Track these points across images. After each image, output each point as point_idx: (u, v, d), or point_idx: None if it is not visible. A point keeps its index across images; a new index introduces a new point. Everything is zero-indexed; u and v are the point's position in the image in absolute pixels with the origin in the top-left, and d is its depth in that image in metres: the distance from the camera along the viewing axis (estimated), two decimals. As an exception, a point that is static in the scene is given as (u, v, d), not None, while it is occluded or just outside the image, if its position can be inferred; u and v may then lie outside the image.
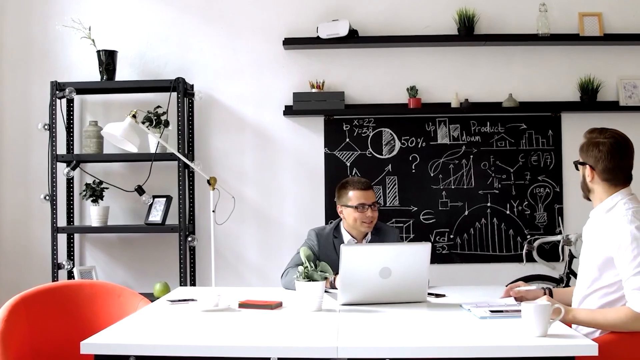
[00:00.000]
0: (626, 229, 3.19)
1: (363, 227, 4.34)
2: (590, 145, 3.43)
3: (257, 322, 3.25)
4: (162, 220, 5.43)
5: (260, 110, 5.72)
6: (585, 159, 3.44)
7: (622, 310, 3.12)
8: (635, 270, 3.11)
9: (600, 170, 3.39)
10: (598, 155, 3.39)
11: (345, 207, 4.39)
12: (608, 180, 3.39)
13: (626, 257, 3.15)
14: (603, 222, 3.35)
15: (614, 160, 3.38)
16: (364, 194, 4.36)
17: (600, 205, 3.41)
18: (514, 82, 5.67)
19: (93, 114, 5.70)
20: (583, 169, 3.46)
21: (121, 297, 4.16)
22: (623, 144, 3.42)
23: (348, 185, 4.42)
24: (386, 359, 2.76)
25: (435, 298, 3.90)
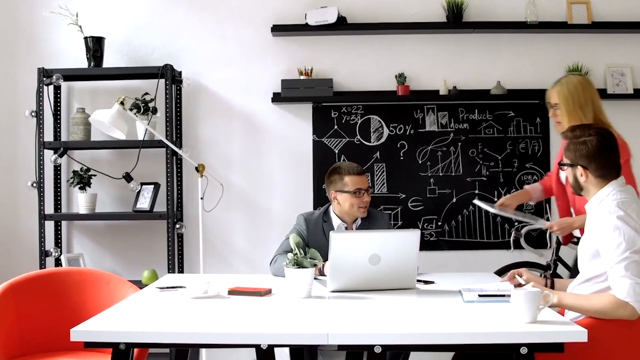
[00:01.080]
0: (609, 219, 3.21)
1: (360, 212, 4.35)
2: (578, 144, 3.41)
3: (247, 309, 3.25)
4: (150, 207, 5.42)
5: (249, 97, 5.71)
6: (576, 159, 3.42)
7: (606, 297, 3.13)
8: (618, 258, 3.12)
9: (594, 169, 3.39)
10: (589, 154, 3.38)
11: (340, 193, 4.38)
12: (602, 177, 3.39)
13: (609, 246, 3.17)
14: (594, 215, 3.37)
15: (605, 157, 3.39)
16: (360, 179, 4.37)
17: (593, 198, 3.42)
18: (502, 70, 5.67)
19: (80, 101, 5.68)
20: (574, 169, 3.45)
21: (110, 284, 4.16)
22: (609, 138, 3.43)
23: (342, 170, 4.41)
24: (376, 345, 2.77)
25: (424, 285, 3.91)
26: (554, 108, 4.28)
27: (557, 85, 4.25)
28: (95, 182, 5.49)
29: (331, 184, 4.45)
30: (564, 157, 3.50)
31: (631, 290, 3.05)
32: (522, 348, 2.76)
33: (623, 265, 3.09)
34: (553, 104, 4.28)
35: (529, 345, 2.76)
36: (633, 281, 3.06)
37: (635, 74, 5.65)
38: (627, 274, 3.08)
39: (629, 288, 3.05)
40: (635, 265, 3.09)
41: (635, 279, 3.07)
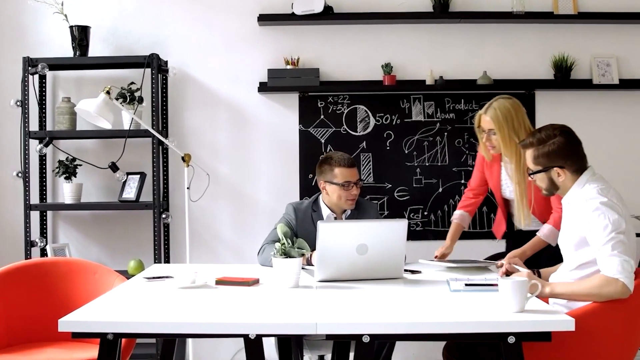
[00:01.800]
0: (593, 206, 3.28)
1: (347, 204, 4.35)
2: (547, 148, 3.47)
3: (235, 299, 3.25)
4: (136, 197, 5.40)
5: (235, 87, 5.69)
6: (550, 162, 3.48)
7: (595, 277, 3.20)
8: (605, 239, 3.19)
9: (570, 165, 3.47)
10: (562, 153, 3.45)
11: (329, 184, 4.38)
12: (578, 170, 3.48)
13: (596, 230, 3.24)
14: (575, 205, 3.43)
15: (577, 150, 3.50)
16: (349, 172, 4.36)
17: (570, 191, 3.49)
18: (489, 60, 5.68)
19: (66, 90, 5.64)
20: (548, 173, 3.50)
21: (97, 274, 4.15)
22: (571, 131, 3.53)
23: (333, 161, 4.40)
24: (364, 334, 2.77)
25: (412, 275, 3.92)
26: (487, 134, 4.25)
27: (489, 111, 4.19)
28: (80, 172, 5.46)
29: (321, 174, 4.45)
30: (533, 166, 3.54)
31: (620, 267, 3.13)
32: (509, 337, 2.78)
33: (610, 245, 3.17)
34: (487, 130, 4.24)
35: (516, 335, 2.78)
36: (621, 258, 3.14)
37: (620, 64, 5.67)
38: (615, 252, 3.16)
39: (618, 265, 3.13)
40: (622, 245, 3.18)
41: (623, 256, 3.15)
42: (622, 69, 5.67)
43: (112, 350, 2.87)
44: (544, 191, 3.59)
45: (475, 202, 4.69)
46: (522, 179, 4.15)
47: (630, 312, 3.26)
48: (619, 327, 3.24)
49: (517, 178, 4.17)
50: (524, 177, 4.15)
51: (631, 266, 3.17)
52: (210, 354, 5.63)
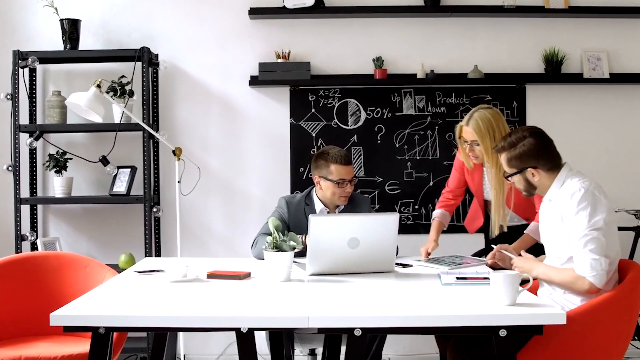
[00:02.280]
0: (574, 201, 3.34)
1: (340, 201, 4.37)
2: (519, 150, 3.53)
3: (227, 293, 3.26)
4: (126, 191, 5.39)
5: (226, 81, 5.68)
6: (523, 164, 3.54)
7: (567, 270, 3.31)
8: (580, 234, 3.27)
9: (543, 164, 3.53)
10: (534, 153, 3.52)
11: (324, 180, 4.38)
12: (552, 168, 3.54)
13: (575, 225, 3.31)
14: (557, 201, 3.48)
15: (549, 149, 3.56)
16: (345, 170, 4.36)
17: (551, 189, 3.55)
18: (480, 54, 5.68)
19: (56, 84, 5.63)
20: (523, 174, 3.56)
21: (88, 268, 4.15)
22: (541, 131, 3.61)
23: (329, 157, 4.39)
24: (356, 328, 2.78)
25: (403, 268, 3.93)
26: (470, 144, 4.26)
27: (471, 122, 4.19)
28: (71, 166, 5.45)
29: (316, 168, 4.45)
30: (508, 169, 3.61)
31: (588, 266, 3.21)
32: (501, 330, 2.79)
33: (584, 242, 3.25)
34: (470, 141, 4.25)
35: (508, 328, 2.79)
36: (591, 257, 3.22)
37: (611, 58, 5.68)
38: (586, 250, 3.24)
39: (587, 264, 3.22)
40: (595, 242, 3.24)
41: (593, 255, 3.22)
42: (613, 63, 5.68)
43: (103, 344, 2.87)
44: (524, 192, 3.65)
45: (454, 203, 4.73)
46: (500, 189, 4.18)
47: (622, 309, 3.29)
48: (610, 324, 3.26)
49: (496, 186, 4.19)
50: (502, 187, 4.18)
51: (600, 264, 3.22)
52: (201, 348, 5.63)
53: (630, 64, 5.71)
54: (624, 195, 5.65)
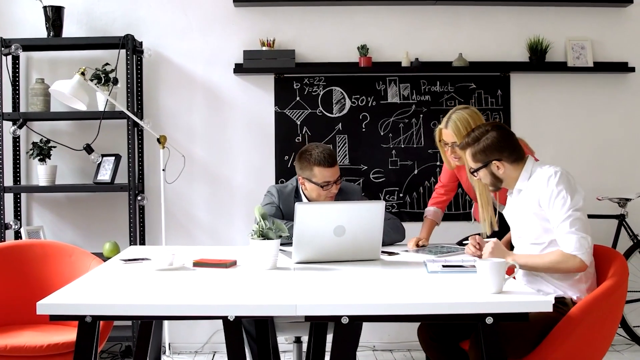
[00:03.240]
0: (554, 183, 3.42)
1: (326, 200, 4.32)
2: (482, 144, 3.59)
3: (213, 281, 3.25)
4: (111, 179, 5.37)
5: (210, 68, 5.66)
6: (487, 157, 3.60)
7: (555, 252, 3.36)
8: (562, 217, 3.35)
9: (507, 156, 3.59)
10: (497, 145, 3.57)
11: (308, 181, 4.34)
12: (516, 160, 3.60)
13: (556, 207, 3.39)
14: (529, 189, 3.55)
15: (511, 141, 3.62)
16: (329, 172, 4.29)
17: (519, 180, 3.61)
18: (464, 42, 5.69)
19: (39, 72, 5.59)
20: (488, 168, 3.62)
21: (73, 256, 4.14)
22: (502, 125, 3.69)
23: (312, 159, 4.29)
24: (343, 316, 2.78)
25: (389, 256, 3.94)
26: (451, 146, 4.26)
27: (449, 124, 4.18)
28: (55, 154, 5.42)
29: (300, 169, 4.38)
30: (473, 164, 3.66)
31: (577, 244, 3.30)
32: (487, 318, 2.80)
33: (568, 222, 3.33)
34: (450, 143, 4.26)
35: (494, 315, 2.80)
36: (579, 235, 3.31)
37: (595, 47, 5.70)
38: (573, 229, 3.32)
39: (576, 242, 3.30)
40: (579, 222, 3.33)
41: (580, 233, 3.32)
42: (597, 52, 5.71)
43: (90, 333, 2.86)
44: (490, 187, 3.72)
45: (447, 199, 4.74)
46: (484, 187, 4.19)
47: (614, 299, 3.33)
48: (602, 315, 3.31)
49: (479, 186, 4.20)
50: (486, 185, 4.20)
51: (587, 242, 3.32)
52: (186, 336, 5.63)
53: (614, 52, 5.74)
54: (608, 184, 5.69)
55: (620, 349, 5.55)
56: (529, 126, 5.65)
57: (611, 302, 3.34)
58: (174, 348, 5.56)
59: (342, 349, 2.88)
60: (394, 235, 4.37)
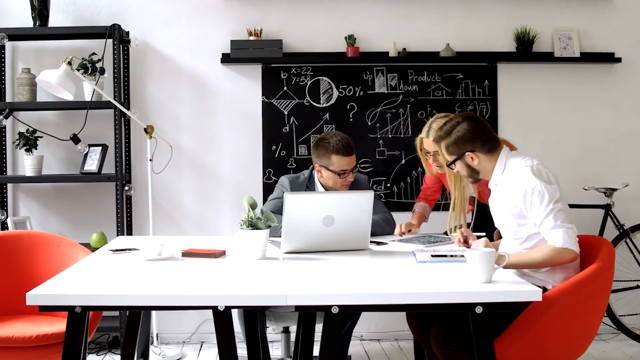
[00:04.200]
0: (527, 180, 3.41)
1: (342, 189, 4.35)
2: (454, 136, 3.61)
3: (202, 271, 3.25)
4: (98, 169, 5.35)
5: (198, 58, 5.64)
6: (460, 149, 3.62)
7: (545, 248, 3.34)
8: (545, 212, 3.35)
9: (480, 146, 3.59)
10: (469, 136, 3.59)
11: (325, 169, 4.37)
12: (491, 150, 3.61)
13: (534, 204, 3.38)
14: (504, 184, 3.56)
15: (483, 131, 3.62)
16: (347, 160, 4.34)
17: (494, 173, 3.62)
18: (452, 32, 5.69)
19: (25, 61, 5.56)
20: (463, 160, 3.64)
21: (60, 247, 4.12)
22: (474, 115, 3.70)
23: (330, 147, 4.34)
24: (333, 305, 2.79)
25: (377, 246, 3.94)
26: (433, 155, 4.28)
27: (430, 133, 4.22)
28: (41, 144, 5.39)
29: (317, 157, 4.42)
30: (448, 156, 3.69)
31: (566, 237, 3.30)
32: (477, 307, 2.81)
33: (552, 216, 3.33)
34: (432, 152, 4.27)
35: (484, 305, 2.81)
36: (565, 228, 3.31)
37: (582, 37, 5.71)
38: (558, 222, 3.32)
39: (564, 235, 3.30)
40: (562, 213, 3.34)
41: (566, 225, 3.31)
42: (583, 42, 5.72)
43: (80, 324, 2.85)
44: (469, 179, 3.74)
45: (433, 199, 4.81)
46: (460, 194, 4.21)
47: (597, 287, 3.34)
48: (587, 301, 3.32)
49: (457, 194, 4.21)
50: (462, 191, 4.21)
51: (574, 232, 3.34)
52: (173, 326, 5.62)
53: (601, 43, 5.75)
54: (594, 174, 5.71)
55: (606, 338, 5.59)
56: (515, 116, 5.67)
57: (594, 287, 3.33)
58: (161, 338, 5.55)
59: (332, 339, 2.88)
60: (385, 227, 4.39)
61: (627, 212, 5.68)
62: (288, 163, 5.65)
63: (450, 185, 4.23)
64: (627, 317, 5.60)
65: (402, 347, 5.47)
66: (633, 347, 5.41)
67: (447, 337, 3.41)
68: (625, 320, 5.55)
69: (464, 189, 4.20)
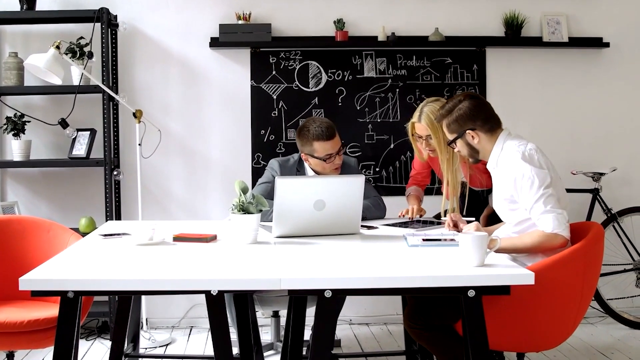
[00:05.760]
0: (517, 165, 3.44)
1: (333, 173, 4.36)
2: (455, 114, 3.63)
3: (194, 255, 3.25)
4: (86, 154, 5.33)
5: (186, 42, 5.62)
6: (462, 127, 3.64)
7: (535, 233, 3.37)
8: (535, 197, 3.37)
9: (481, 125, 3.62)
10: (470, 114, 3.61)
11: (310, 157, 4.38)
12: (491, 130, 3.63)
13: (524, 189, 3.41)
14: (500, 168, 3.59)
15: (485, 109, 3.65)
16: (329, 145, 4.34)
17: (492, 155, 3.65)
18: (440, 17, 5.69)
19: (13, 45, 5.52)
20: (464, 138, 3.66)
21: (50, 232, 4.10)
22: (476, 95, 3.75)
23: (310, 135, 4.34)
24: (326, 289, 2.79)
25: (368, 230, 3.95)
26: (425, 139, 4.28)
27: (422, 118, 4.21)
28: (29, 129, 5.36)
29: (301, 146, 4.43)
30: (449, 135, 3.71)
31: (556, 222, 3.32)
32: (469, 291, 2.82)
33: (541, 202, 3.35)
34: (424, 136, 4.27)
35: (476, 288, 2.82)
36: (555, 213, 3.33)
37: (570, 22, 5.72)
38: (547, 208, 3.34)
39: (554, 220, 3.32)
40: (551, 199, 3.36)
41: (556, 210, 3.34)
42: (572, 27, 5.73)
43: (72, 309, 2.85)
44: (469, 159, 3.77)
45: (425, 183, 4.82)
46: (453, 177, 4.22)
47: (584, 266, 3.35)
48: (573, 279, 3.33)
49: (450, 177, 4.23)
50: (455, 175, 4.22)
51: (564, 217, 3.36)
52: (163, 312, 5.62)
53: (589, 28, 5.76)
54: (582, 158, 5.73)
55: (594, 322, 5.63)
56: (504, 101, 5.67)
57: (583, 264, 3.34)
58: (151, 323, 5.55)
59: (324, 322, 2.89)
60: (376, 211, 4.40)
61: (615, 197, 5.71)
62: (277, 147, 5.64)
63: (443, 168, 4.24)
64: (614, 300, 5.64)
65: (392, 331, 5.49)
66: (620, 331, 5.45)
67: (414, 315, 3.47)
68: (613, 304, 5.60)
69: (456, 172, 4.22)
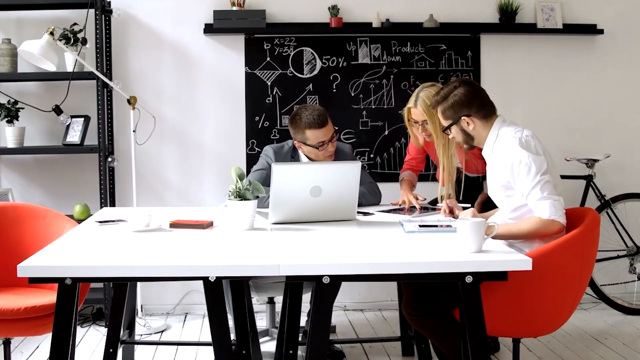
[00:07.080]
0: (514, 151, 3.45)
1: (327, 160, 4.36)
2: (450, 100, 3.64)
3: (191, 242, 3.25)
4: (80, 140, 5.31)
5: (180, 28, 5.60)
6: (457, 113, 3.64)
7: (532, 219, 3.40)
8: (531, 184, 3.39)
9: (476, 111, 3.62)
10: (465, 100, 3.61)
11: (303, 145, 4.37)
12: (486, 116, 3.64)
13: (521, 175, 3.42)
14: (495, 154, 3.61)
15: (480, 96, 3.66)
16: (321, 132, 4.33)
17: (487, 142, 3.66)
18: (435, 3, 5.67)
19: (5, 31, 5.48)
20: (459, 124, 3.66)
21: (46, 219, 4.09)
22: (471, 81, 3.76)
23: (302, 123, 4.33)
24: (324, 275, 2.80)
25: (364, 217, 3.95)
26: (421, 125, 4.28)
27: (418, 103, 4.21)
28: (23, 115, 5.34)
29: (294, 134, 4.43)
30: (444, 121, 3.72)
31: (553, 209, 3.35)
32: (467, 277, 2.83)
33: (538, 188, 3.37)
34: (421, 121, 4.27)
35: (474, 274, 2.83)
36: (552, 200, 3.36)
37: (564, 9, 5.72)
38: (544, 194, 3.36)
39: (550, 207, 3.35)
40: (548, 185, 3.38)
41: (552, 197, 3.36)
42: (566, 13, 5.73)
43: (70, 296, 2.85)
44: (464, 145, 3.77)
45: (419, 169, 4.82)
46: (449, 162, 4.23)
47: (579, 252, 3.36)
48: (569, 266, 3.34)
49: (445, 163, 4.24)
50: (450, 160, 4.23)
51: (561, 204, 3.39)
52: (157, 299, 5.63)
53: (583, 15, 5.76)
54: (576, 145, 5.75)
55: (588, 307, 5.65)
56: (498, 87, 5.67)
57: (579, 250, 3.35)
58: (146, 310, 5.55)
59: (322, 308, 2.90)
60: (371, 198, 4.41)
61: (609, 183, 5.73)
62: (271, 134, 5.64)
63: (439, 153, 4.24)
64: (607, 286, 5.67)
65: (386, 317, 5.50)
66: (613, 316, 5.48)
67: (412, 302, 3.47)
68: (606, 290, 5.63)
69: (452, 157, 4.22)
